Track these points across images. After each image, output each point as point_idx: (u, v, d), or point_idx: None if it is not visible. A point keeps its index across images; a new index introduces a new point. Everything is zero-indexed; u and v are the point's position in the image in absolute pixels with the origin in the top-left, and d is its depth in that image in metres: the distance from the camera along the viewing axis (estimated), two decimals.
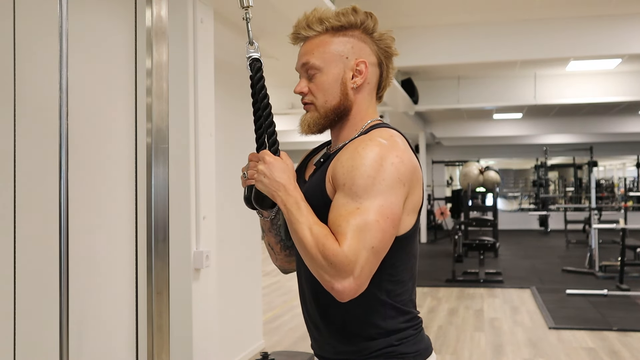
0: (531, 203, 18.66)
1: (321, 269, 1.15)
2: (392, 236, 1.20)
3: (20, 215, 2.09)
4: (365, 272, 1.15)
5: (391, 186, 1.18)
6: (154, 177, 1.73)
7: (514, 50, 6.24)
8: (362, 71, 1.32)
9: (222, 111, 3.68)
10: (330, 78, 1.31)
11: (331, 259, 1.13)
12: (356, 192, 1.17)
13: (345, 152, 1.24)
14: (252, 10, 1.45)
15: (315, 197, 1.26)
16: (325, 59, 1.31)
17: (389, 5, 5.67)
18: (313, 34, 1.33)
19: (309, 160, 1.44)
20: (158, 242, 1.74)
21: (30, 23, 2.21)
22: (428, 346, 1.34)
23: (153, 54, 1.75)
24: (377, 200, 1.16)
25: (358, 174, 1.18)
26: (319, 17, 1.32)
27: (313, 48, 1.32)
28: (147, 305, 1.74)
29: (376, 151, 1.19)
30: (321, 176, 1.28)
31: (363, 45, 1.33)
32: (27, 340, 2.14)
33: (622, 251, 7.09)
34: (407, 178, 1.21)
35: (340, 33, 1.32)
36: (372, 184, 1.17)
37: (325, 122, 1.33)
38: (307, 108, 1.34)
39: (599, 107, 11.35)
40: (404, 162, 1.21)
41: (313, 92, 1.32)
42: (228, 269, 3.84)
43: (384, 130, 1.28)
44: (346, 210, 1.17)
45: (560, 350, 4.65)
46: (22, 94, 2.13)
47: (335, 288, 1.14)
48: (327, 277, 1.15)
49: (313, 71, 1.32)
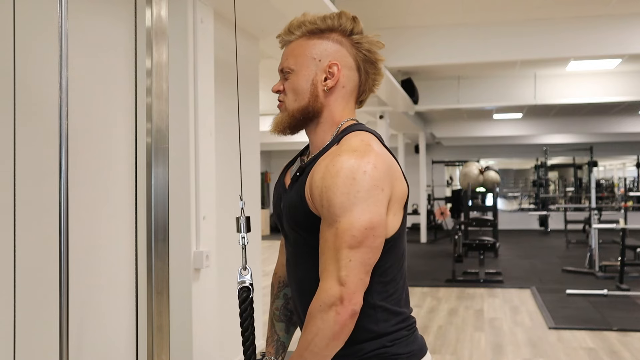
0: (531, 203, 18.65)
1: (323, 322, 1.18)
2: (375, 241, 1.21)
3: (20, 215, 2.09)
4: (350, 278, 1.17)
5: (367, 196, 1.19)
6: (154, 177, 1.74)
7: (514, 50, 6.25)
8: (334, 73, 1.32)
9: (222, 111, 3.68)
10: (301, 79, 1.33)
11: (320, 307, 1.18)
12: (334, 212, 1.19)
13: (317, 170, 1.25)
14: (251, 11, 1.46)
15: (298, 209, 1.29)
16: (298, 61, 1.33)
17: (389, 5, 5.68)
18: (293, 38, 1.36)
19: (289, 168, 1.46)
20: (158, 242, 1.74)
21: (30, 23, 2.20)
22: (422, 346, 1.34)
23: (153, 54, 1.75)
24: (354, 213, 1.18)
25: (332, 193, 1.19)
26: (300, 22, 1.35)
27: (289, 51, 1.36)
28: (147, 305, 1.74)
29: (346, 165, 1.20)
30: (300, 191, 1.29)
31: (339, 47, 1.33)
32: (27, 340, 2.14)
33: (622, 251, 7.09)
34: (385, 181, 1.22)
35: (317, 36, 1.34)
36: (347, 199, 1.18)
37: (292, 121, 1.34)
38: (279, 107, 1.38)
39: (599, 107, 11.35)
40: (377, 167, 1.21)
41: (286, 92, 1.35)
42: (228, 269, 3.84)
43: (354, 136, 1.28)
44: (326, 238, 1.20)
45: (560, 350, 4.65)
46: (22, 94, 2.13)
47: (341, 314, 1.17)
48: (332, 315, 1.17)
49: (287, 73, 1.35)
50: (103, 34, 2.65)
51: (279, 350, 1.50)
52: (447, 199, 14.23)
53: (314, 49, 1.33)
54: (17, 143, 2.07)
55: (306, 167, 1.31)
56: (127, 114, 2.67)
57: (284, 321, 1.51)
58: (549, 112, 12.37)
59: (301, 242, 1.32)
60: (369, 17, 5.83)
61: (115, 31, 2.70)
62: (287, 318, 1.51)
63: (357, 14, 1.37)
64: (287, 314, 1.52)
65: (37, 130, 2.23)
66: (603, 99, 9.04)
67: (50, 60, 2.01)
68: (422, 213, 12.83)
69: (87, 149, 2.50)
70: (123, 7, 2.70)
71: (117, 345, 2.66)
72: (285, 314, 1.51)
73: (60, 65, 1.52)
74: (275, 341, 1.51)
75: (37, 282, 2.20)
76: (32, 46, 2.22)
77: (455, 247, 8.10)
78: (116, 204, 2.67)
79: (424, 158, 13.14)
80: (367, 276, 1.20)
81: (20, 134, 2.10)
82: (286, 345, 1.52)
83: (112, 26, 2.69)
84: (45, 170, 2.21)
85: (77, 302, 2.31)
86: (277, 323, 1.52)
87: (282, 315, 1.52)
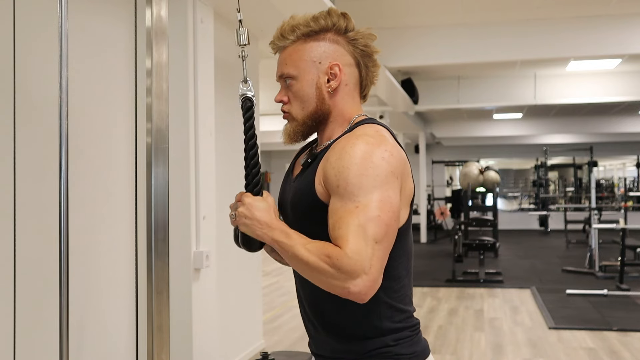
0: (531, 203, 18.66)
1: (331, 277, 1.14)
2: (395, 229, 1.20)
3: (20, 215, 2.09)
4: (376, 266, 1.14)
5: (386, 180, 1.18)
6: (154, 177, 1.74)
7: (514, 50, 6.25)
8: (337, 74, 1.32)
9: (222, 111, 3.68)
10: (305, 85, 1.31)
11: (337, 264, 1.13)
12: (352, 191, 1.17)
13: (333, 153, 1.24)
14: (252, 11, 1.46)
15: (305, 197, 1.26)
16: (298, 66, 1.31)
17: (389, 5, 5.68)
18: (287, 43, 1.33)
19: (297, 159, 1.44)
20: (158, 242, 1.74)
21: (30, 23, 2.20)
22: (425, 348, 1.33)
23: (153, 54, 1.75)
24: (375, 194, 1.16)
25: (350, 173, 1.18)
26: (292, 26, 1.33)
27: (286, 57, 1.33)
28: (147, 305, 1.74)
29: (364, 148, 1.19)
30: (310, 177, 1.27)
31: (336, 47, 1.33)
32: (27, 340, 2.14)
33: (622, 251, 7.09)
34: (399, 171, 1.22)
35: (312, 38, 1.32)
36: (366, 180, 1.17)
37: (304, 129, 1.33)
38: (285, 117, 1.35)
39: (599, 107, 11.35)
40: (393, 155, 1.21)
41: (291, 100, 1.33)
42: (228, 269, 3.84)
43: (369, 126, 1.28)
44: (345, 212, 1.17)
45: (560, 350, 4.65)
46: (22, 94, 2.13)
47: (351, 291, 1.13)
48: (339, 283, 1.14)
49: (289, 80, 1.32)
50: (103, 34, 2.65)
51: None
52: (447, 199, 14.23)
53: (313, 52, 1.32)
54: (17, 143, 2.08)
55: (318, 154, 1.31)
56: (127, 114, 2.67)
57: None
58: (549, 112, 12.37)
59: (306, 233, 1.29)
60: (369, 17, 5.83)
61: (115, 31, 2.70)
62: None
63: (357, 14, 1.37)
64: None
65: (37, 130, 2.23)
66: (603, 99, 9.04)
67: (50, 60, 2.01)
68: (422, 213, 12.83)
69: (87, 149, 2.50)
70: (123, 7, 2.71)
71: (117, 345, 2.66)
72: None
73: (60, 65, 1.52)
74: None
75: (37, 282, 2.20)
76: (32, 46, 2.22)
77: (455, 247, 8.09)
78: (116, 204, 2.67)
79: (424, 158, 13.14)
80: (384, 263, 1.18)
81: (20, 134, 2.10)
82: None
83: (112, 26, 2.69)
84: (45, 170, 2.21)
85: (77, 302, 2.31)
86: None
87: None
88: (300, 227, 1.28)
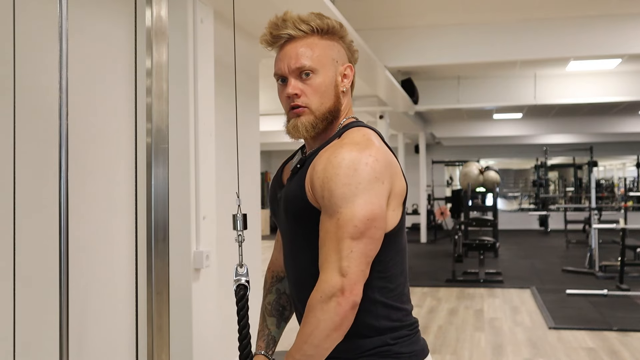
0: (531, 203, 18.66)
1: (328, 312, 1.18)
2: (379, 231, 1.21)
3: (20, 215, 2.09)
4: (352, 268, 1.17)
5: (369, 187, 1.19)
6: (154, 177, 1.74)
7: (514, 50, 6.25)
8: (349, 75, 1.34)
9: (222, 111, 3.68)
10: (327, 81, 1.31)
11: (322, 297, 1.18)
12: (335, 202, 1.19)
13: (319, 162, 1.25)
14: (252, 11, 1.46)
15: (296, 201, 1.28)
16: (320, 61, 1.31)
17: (389, 5, 5.67)
18: (301, 34, 1.31)
19: (286, 165, 1.46)
20: (158, 242, 1.74)
21: (30, 23, 2.20)
22: (424, 348, 1.34)
23: (153, 54, 1.75)
24: (356, 204, 1.18)
25: (333, 184, 1.20)
26: (300, 18, 1.32)
27: (305, 50, 1.30)
28: (147, 305, 1.74)
29: (348, 157, 1.21)
30: (300, 182, 1.29)
31: (343, 50, 1.36)
32: (27, 340, 2.14)
33: (622, 251, 7.09)
34: (385, 175, 1.23)
35: (327, 37, 1.33)
36: (348, 189, 1.19)
37: (322, 124, 1.33)
38: (300, 112, 1.31)
39: (599, 107, 11.35)
40: (378, 160, 1.22)
41: (308, 94, 1.31)
42: (228, 269, 3.84)
43: (356, 131, 1.30)
44: (328, 228, 1.20)
45: (560, 350, 4.65)
46: (22, 94, 2.13)
47: (342, 305, 1.17)
48: (333, 306, 1.17)
49: (309, 74, 1.30)
50: (103, 34, 2.64)
51: (269, 344, 1.52)
52: (447, 199, 14.23)
53: (331, 51, 1.33)
54: (17, 143, 2.07)
55: (307, 159, 1.32)
56: (127, 114, 2.67)
57: (275, 316, 1.53)
58: (548, 112, 12.37)
59: (299, 237, 1.32)
60: (369, 17, 5.82)
61: (115, 31, 2.70)
62: (279, 313, 1.52)
63: (357, 14, 1.38)
64: (279, 308, 1.52)
65: (37, 130, 2.23)
66: (603, 99, 9.03)
67: (50, 60, 2.01)
68: (422, 213, 12.83)
69: (87, 149, 2.50)
70: (123, 7, 2.70)
71: (117, 345, 2.65)
72: (277, 308, 1.53)
73: (60, 65, 1.52)
74: (266, 335, 1.52)
75: (37, 282, 2.20)
76: (32, 46, 2.22)
77: (455, 247, 8.10)
78: (116, 204, 2.67)
79: (424, 158, 13.14)
80: (367, 268, 1.21)
81: (20, 134, 2.09)
82: (277, 339, 1.54)
83: (112, 26, 2.69)
84: (45, 169, 2.21)
85: (77, 302, 2.31)
86: (268, 317, 1.53)
87: (273, 310, 1.53)
88: (293, 230, 1.32)
